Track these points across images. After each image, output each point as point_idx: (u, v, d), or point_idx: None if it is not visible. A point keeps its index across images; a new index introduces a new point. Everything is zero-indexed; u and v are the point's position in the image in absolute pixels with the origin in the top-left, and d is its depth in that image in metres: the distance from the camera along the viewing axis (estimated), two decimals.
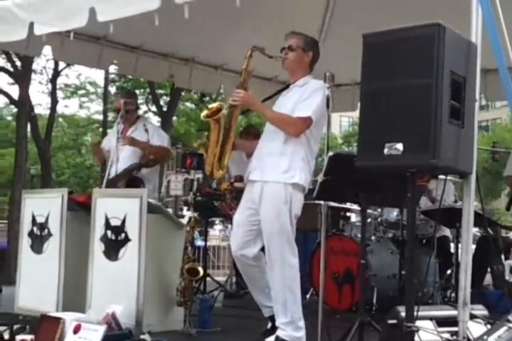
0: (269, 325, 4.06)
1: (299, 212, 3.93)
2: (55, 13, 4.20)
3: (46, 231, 4.95)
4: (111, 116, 19.36)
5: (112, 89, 20.99)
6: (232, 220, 6.16)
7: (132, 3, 3.79)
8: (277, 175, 3.89)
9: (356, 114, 3.98)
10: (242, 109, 4.15)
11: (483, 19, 2.99)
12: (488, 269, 5.90)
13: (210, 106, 4.16)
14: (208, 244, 8.09)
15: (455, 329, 2.92)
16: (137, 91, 17.36)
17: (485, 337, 2.60)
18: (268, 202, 3.89)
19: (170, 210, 5.95)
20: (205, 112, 4.12)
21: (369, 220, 5.77)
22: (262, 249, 4.01)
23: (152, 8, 3.61)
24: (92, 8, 3.84)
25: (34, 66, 16.30)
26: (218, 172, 4.08)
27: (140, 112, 5.79)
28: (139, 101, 13.63)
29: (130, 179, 5.17)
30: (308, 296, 5.68)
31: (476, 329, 2.95)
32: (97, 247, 4.56)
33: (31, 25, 4.27)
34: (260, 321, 4.23)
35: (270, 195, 3.89)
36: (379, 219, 5.93)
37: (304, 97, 3.92)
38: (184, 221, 4.63)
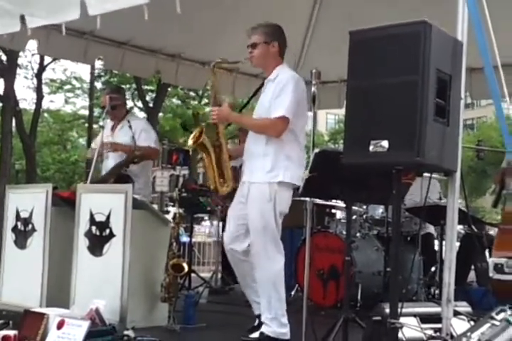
0: (257, 322, 4.05)
1: (285, 210, 3.94)
2: (45, 6, 4.15)
3: (30, 226, 4.92)
4: (97, 111, 19.28)
5: (98, 85, 20.91)
6: (217, 216, 6.14)
7: None
8: (262, 176, 3.91)
9: (342, 111, 3.98)
10: (224, 124, 4.16)
11: (469, 17, 3.00)
12: (472, 266, 5.93)
13: (192, 134, 4.15)
14: (193, 240, 8.09)
15: (439, 325, 2.94)
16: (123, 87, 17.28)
17: (468, 333, 2.61)
18: (253, 200, 3.91)
19: (155, 206, 5.93)
20: (190, 141, 4.12)
21: (354, 217, 5.78)
22: None
23: (143, 1, 3.60)
24: (82, 2, 3.81)
25: (19, 60, 16.22)
26: (223, 188, 4.11)
27: None
28: None
29: (119, 177, 5.13)
30: (293, 293, 5.68)
31: (460, 326, 2.97)
32: (82, 243, 4.54)
33: (22, 18, 4.22)
34: (245, 317, 4.23)
35: (255, 193, 3.92)
36: (364, 216, 5.94)
37: (276, 94, 3.90)
38: (169, 217, 4.62)
